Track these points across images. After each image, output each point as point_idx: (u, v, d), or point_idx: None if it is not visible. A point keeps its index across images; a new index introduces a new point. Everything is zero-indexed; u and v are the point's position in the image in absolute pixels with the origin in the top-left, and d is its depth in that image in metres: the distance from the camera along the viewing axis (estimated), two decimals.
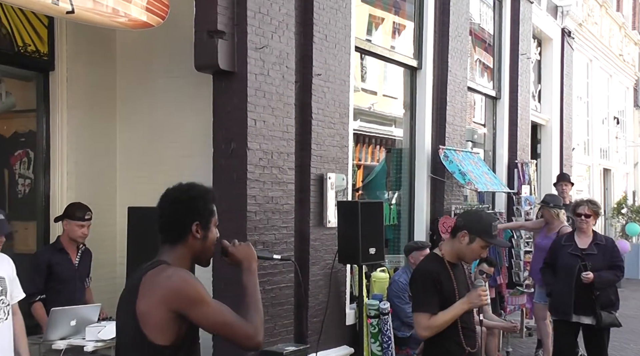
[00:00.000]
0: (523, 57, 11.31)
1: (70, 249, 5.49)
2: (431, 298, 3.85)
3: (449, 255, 3.99)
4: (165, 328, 2.60)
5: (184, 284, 2.62)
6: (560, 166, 13.20)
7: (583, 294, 6.28)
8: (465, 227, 3.94)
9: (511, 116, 11.10)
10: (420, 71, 8.65)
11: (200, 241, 2.78)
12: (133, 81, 6.51)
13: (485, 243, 3.93)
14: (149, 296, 2.61)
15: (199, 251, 2.80)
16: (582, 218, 6.50)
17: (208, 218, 2.81)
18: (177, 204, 2.81)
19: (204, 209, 2.80)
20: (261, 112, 5.79)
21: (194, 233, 2.76)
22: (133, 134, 6.53)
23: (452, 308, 3.85)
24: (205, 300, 2.64)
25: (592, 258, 6.34)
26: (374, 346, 6.87)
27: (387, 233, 8.21)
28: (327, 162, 6.60)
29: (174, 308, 2.59)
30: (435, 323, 3.82)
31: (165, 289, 2.61)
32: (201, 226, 2.78)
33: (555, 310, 6.56)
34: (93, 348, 4.77)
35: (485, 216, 4.34)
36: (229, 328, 2.65)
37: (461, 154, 8.88)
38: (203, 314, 2.62)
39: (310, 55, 6.43)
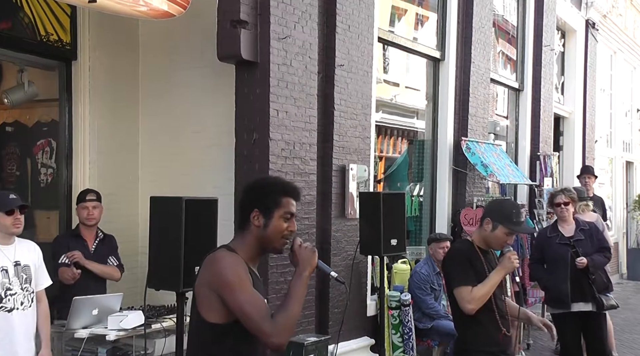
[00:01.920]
0: (546, 48, 11.14)
1: (88, 236, 5.46)
2: (467, 271, 3.92)
3: (478, 241, 4.07)
4: (213, 307, 2.69)
5: (224, 268, 2.68)
6: (582, 159, 13.03)
7: (579, 282, 6.24)
8: (488, 215, 4.05)
9: (534, 108, 10.95)
10: (443, 62, 8.54)
11: (261, 229, 2.79)
12: (155, 71, 6.46)
13: (508, 229, 3.98)
14: (200, 276, 2.76)
15: (262, 239, 2.81)
16: (562, 207, 6.50)
17: (271, 207, 2.80)
18: (244, 192, 2.92)
19: (265, 198, 2.82)
20: (283, 102, 5.73)
21: (252, 220, 2.80)
22: (155, 124, 6.48)
23: (488, 279, 3.92)
24: (239, 287, 2.65)
25: (581, 243, 6.34)
26: (394, 338, 6.81)
27: (409, 224, 8.13)
28: (349, 153, 6.53)
29: (214, 289, 2.68)
30: (478, 294, 3.86)
31: (209, 272, 2.72)
32: (261, 214, 2.79)
33: (553, 302, 6.47)
34: (115, 337, 4.73)
35: (508, 203, 4.42)
36: (249, 321, 2.66)
37: (483, 146, 8.76)
38: (233, 300, 2.65)
39: (332, 46, 6.35)
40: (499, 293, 4.04)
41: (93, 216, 5.43)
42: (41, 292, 4.41)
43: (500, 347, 3.99)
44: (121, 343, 4.86)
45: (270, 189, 2.86)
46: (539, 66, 10.97)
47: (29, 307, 4.22)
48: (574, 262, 6.24)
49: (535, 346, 8.90)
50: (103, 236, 5.58)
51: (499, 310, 3.99)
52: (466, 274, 3.91)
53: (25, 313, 4.20)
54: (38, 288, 4.36)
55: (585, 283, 6.24)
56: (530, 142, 10.89)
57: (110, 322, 4.82)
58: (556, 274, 6.36)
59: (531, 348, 8.71)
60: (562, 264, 6.31)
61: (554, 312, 6.51)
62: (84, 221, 5.44)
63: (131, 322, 4.75)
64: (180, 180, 6.08)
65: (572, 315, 6.34)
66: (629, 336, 9.45)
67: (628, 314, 10.80)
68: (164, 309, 5.23)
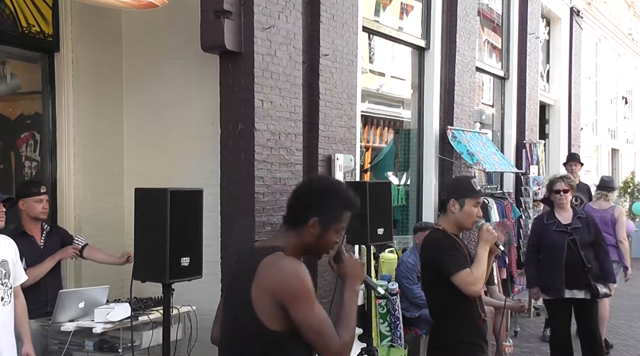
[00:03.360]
0: (531, 36, 11.17)
1: (34, 231, 5.22)
2: (457, 256, 3.90)
3: (449, 228, 4.04)
4: (276, 315, 2.62)
5: (294, 279, 2.61)
6: (568, 146, 13.10)
7: (574, 269, 6.27)
8: (450, 196, 4.02)
9: (519, 96, 10.99)
10: (428, 51, 8.55)
11: (315, 237, 2.76)
12: (139, 63, 6.42)
13: (474, 200, 3.98)
14: (262, 282, 2.63)
15: (312, 246, 2.78)
16: (562, 194, 6.51)
17: (331, 220, 2.76)
18: (310, 193, 2.81)
19: (330, 210, 2.76)
20: (268, 93, 5.71)
21: (309, 227, 2.74)
22: (140, 116, 6.44)
23: (477, 257, 3.91)
24: (310, 300, 2.61)
25: (578, 231, 6.36)
26: (382, 327, 6.83)
27: (396, 213, 8.15)
28: (335, 143, 6.53)
29: (279, 299, 2.60)
30: (478, 274, 3.85)
31: (275, 280, 2.62)
32: (320, 224, 2.74)
33: (547, 289, 6.50)
34: (102, 329, 4.71)
35: (462, 178, 4.50)
36: (320, 337, 2.62)
37: (469, 134, 8.79)
38: (301, 313, 2.60)
39: (317, 36, 6.33)
40: None
41: (46, 209, 5.23)
42: (18, 288, 4.34)
43: (479, 335, 3.98)
44: (108, 336, 4.84)
45: (337, 202, 2.78)
46: (524, 54, 11.00)
47: (8, 303, 4.17)
48: (569, 249, 6.26)
49: (523, 333, 8.95)
50: (49, 229, 5.35)
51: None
52: (458, 259, 3.88)
53: (5, 309, 4.16)
54: (15, 284, 4.31)
55: (581, 270, 6.26)
56: (516, 130, 10.93)
57: (96, 315, 4.79)
58: (551, 261, 6.39)
59: (519, 336, 8.76)
60: (557, 251, 6.34)
61: (547, 298, 6.56)
62: (37, 216, 5.17)
63: (118, 314, 4.74)
64: (166, 171, 6.05)
65: (564, 301, 6.39)
66: (615, 322, 9.54)
67: (615, 301, 10.89)
68: (151, 301, 5.22)
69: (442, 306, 4.00)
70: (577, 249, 6.27)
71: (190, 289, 4.73)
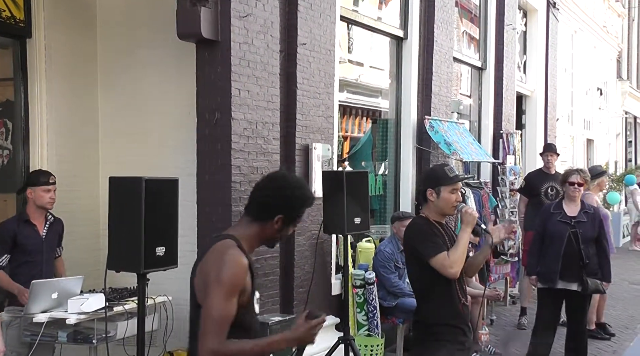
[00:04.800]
0: (508, 28, 11.18)
1: (38, 220, 5.22)
2: (436, 241, 3.98)
3: (432, 216, 4.13)
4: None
5: (225, 267, 2.71)
6: (544, 137, 13.16)
7: (570, 261, 6.30)
8: (427, 186, 4.12)
9: (497, 87, 11.00)
10: (406, 41, 8.51)
11: (276, 231, 2.94)
12: (115, 50, 6.32)
13: (449, 187, 4.05)
14: (203, 266, 2.79)
15: (269, 237, 2.97)
16: (575, 187, 6.52)
17: (294, 219, 2.99)
18: (277, 192, 2.94)
19: (295, 210, 2.96)
20: (245, 81, 5.65)
21: (274, 223, 2.92)
22: (115, 104, 6.35)
23: (457, 240, 4.00)
24: (225, 291, 2.68)
25: (582, 225, 6.40)
26: (359, 316, 6.82)
27: (373, 203, 8.13)
28: (313, 132, 6.48)
29: (206, 281, 2.72)
30: (455, 257, 3.92)
31: (210, 263, 2.76)
32: (283, 221, 2.93)
33: (544, 278, 6.54)
34: (75, 320, 4.64)
35: (436, 167, 4.52)
36: (205, 323, 2.67)
37: (447, 124, 8.78)
38: (210, 297, 2.69)
39: (294, 25, 6.27)
40: None
41: (53, 199, 5.21)
42: None
43: (460, 318, 4.04)
44: (82, 327, 4.77)
45: (302, 201, 2.98)
46: (502, 45, 11.00)
47: None
48: (569, 241, 6.30)
49: (499, 321, 9.01)
50: (53, 219, 5.34)
51: (458, 280, 4.04)
52: (436, 243, 3.96)
53: None
54: None
55: (577, 263, 6.29)
56: (493, 120, 10.94)
57: (70, 306, 4.72)
58: (550, 250, 6.44)
59: (494, 324, 8.80)
60: (557, 241, 6.37)
61: (541, 286, 6.61)
62: (44, 205, 5.18)
63: (92, 305, 4.67)
64: (142, 160, 5.97)
65: (556, 291, 6.44)
66: None
67: None
68: (126, 291, 5.16)
69: (423, 289, 4.10)
70: (578, 242, 6.31)
71: (166, 279, 4.68)
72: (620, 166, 21.73)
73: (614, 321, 9.05)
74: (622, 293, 11.15)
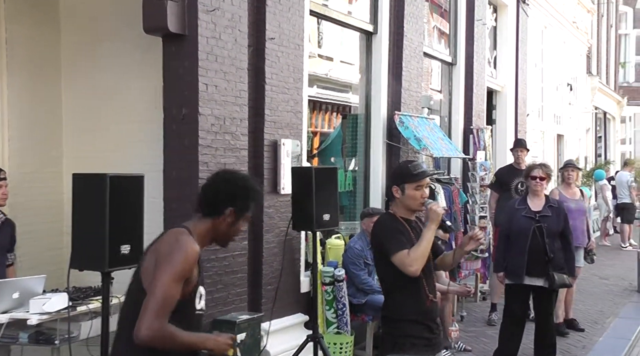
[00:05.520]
0: (479, 23, 11.25)
1: None
2: (399, 238, 3.97)
3: (399, 212, 4.13)
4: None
5: (177, 248, 2.78)
6: (515, 132, 13.28)
7: (536, 257, 6.39)
8: (392, 183, 4.14)
9: (467, 82, 11.07)
10: (376, 35, 8.52)
11: (227, 226, 3.00)
12: (79, 44, 6.26)
13: (414, 184, 4.04)
14: (155, 246, 2.85)
15: (222, 234, 3.03)
16: (537, 181, 6.64)
17: (244, 212, 3.03)
18: (224, 185, 3.02)
19: (243, 202, 3.02)
20: (213, 76, 5.62)
21: (225, 217, 2.98)
22: (79, 99, 6.29)
23: (421, 237, 3.97)
24: (173, 270, 2.73)
25: (547, 219, 6.49)
26: (328, 314, 6.83)
27: (343, 199, 8.15)
28: (281, 128, 6.48)
29: (157, 259, 2.78)
30: (416, 255, 3.89)
31: (163, 243, 2.84)
32: (235, 214, 2.99)
33: (510, 274, 6.62)
34: (37, 321, 4.57)
35: (402, 164, 4.51)
36: (148, 302, 2.70)
37: (417, 120, 8.82)
38: (157, 273, 2.72)
39: (263, 19, 6.25)
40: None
41: (5, 195, 5.09)
42: None
43: (426, 315, 4.04)
44: (44, 328, 4.70)
45: (252, 193, 3.05)
46: (472, 40, 11.08)
47: None
48: (534, 236, 6.39)
49: (469, 317, 9.08)
50: (4, 219, 5.20)
51: (425, 276, 4.03)
52: (398, 240, 3.96)
53: None
54: None
55: (542, 258, 6.38)
56: (463, 116, 11.01)
57: (32, 306, 4.65)
58: (515, 246, 6.51)
59: (465, 320, 8.88)
60: (522, 236, 6.46)
61: (508, 282, 6.68)
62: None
63: (55, 305, 4.61)
64: (107, 157, 5.93)
65: (523, 287, 6.52)
66: None
67: None
68: (90, 290, 5.09)
69: (389, 285, 4.11)
70: (543, 237, 6.39)
71: None
72: (590, 161, 22.02)
73: (583, 316, 9.17)
74: (591, 288, 11.33)
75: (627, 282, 11.91)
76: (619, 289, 11.48)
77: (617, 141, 26.79)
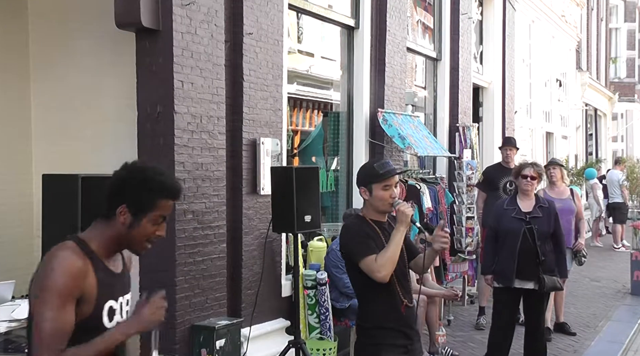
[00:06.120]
0: (464, 17, 11.34)
1: None
2: (366, 242, 3.94)
3: (369, 215, 4.09)
4: None
5: (48, 270, 2.49)
6: (502, 130, 13.37)
7: (526, 259, 6.40)
8: (359, 184, 4.11)
9: (452, 78, 11.15)
10: (358, 30, 8.58)
11: (126, 227, 2.63)
12: (48, 41, 6.25)
13: (380, 184, 3.99)
14: (35, 275, 2.54)
15: (124, 237, 2.66)
16: (528, 180, 6.62)
17: (143, 207, 2.63)
18: (119, 179, 2.69)
19: (140, 197, 2.63)
20: (189, 73, 5.65)
21: (119, 216, 2.62)
22: (49, 98, 6.29)
23: (390, 240, 3.91)
24: (50, 296, 2.45)
25: (537, 221, 6.48)
26: (311, 318, 6.86)
27: (325, 200, 8.19)
28: (260, 126, 6.51)
29: (36, 290, 2.49)
30: (383, 260, 3.85)
31: (40, 270, 2.53)
32: (130, 212, 2.62)
33: (500, 277, 6.62)
34: (6, 328, 4.57)
35: (367, 164, 4.41)
36: (35, 337, 2.47)
37: (401, 117, 8.88)
38: (36, 305, 2.47)
39: (240, 13, 6.28)
40: (400, 261, 4.00)
41: None
42: None
43: (401, 321, 4.01)
44: (13, 336, 4.71)
45: (149, 186, 2.64)
46: (457, 35, 11.15)
47: None
48: (524, 238, 6.38)
49: (457, 322, 9.14)
50: None
51: (399, 280, 4.01)
52: (366, 245, 3.92)
53: None
54: None
55: (533, 261, 6.38)
56: (449, 113, 11.09)
57: (0, 313, 4.65)
58: (505, 249, 6.50)
59: (452, 324, 8.94)
60: (512, 238, 6.44)
61: (497, 285, 6.68)
62: None
63: (24, 312, 4.57)
64: (79, 157, 5.94)
65: (513, 290, 6.52)
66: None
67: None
68: None
69: (361, 292, 4.10)
70: (534, 239, 6.39)
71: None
72: (580, 159, 22.21)
73: (574, 320, 9.26)
74: (583, 291, 11.43)
75: (620, 284, 12.02)
76: (612, 291, 11.58)
77: (608, 139, 26.99)
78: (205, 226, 5.79)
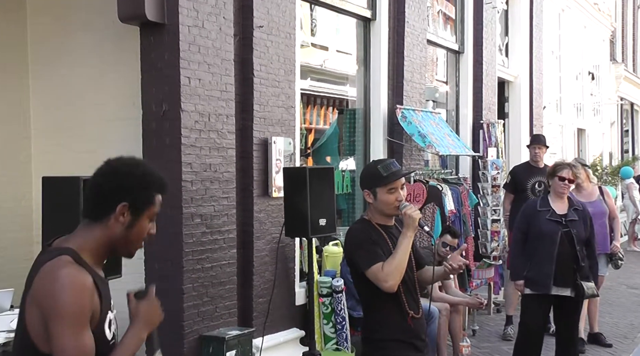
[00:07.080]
0: (488, 6, 11.33)
1: None
2: (372, 249, 3.92)
3: (375, 219, 4.07)
4: (45, 334, 2.43)
5: (62, 292, 2.41)
6: (530, 127, 13.33)
7: (563, 264, 6.34)
8: (362, 187, 4.11)
9: (476, 72, 11.13)
10: (375, 22, 8.60)
11: (123, 227, 2.59)
12: (47, 33, 6.32)
13: (384, 187, 3.97)
14: (34, 293, 2.47)
15: (120, 239, 2.61)
16: (565, 183, 6.53)
17: (142, 204, 2.61)
18: (109, 176, 2.61)
19: (139, 192, 2.60)
20: (196, 69, 5.70)
21: (118, 215, 2.57)
22: (49, 97, 6.36)
23: (397, 247, 3.90)
24: (68, 321, 2.40)
25: (574, 224, 6.42)
26: (326, 328, 6.89)
27: (340, 202, 8.22)
28: (272, 124, 6.55)
29: (44, 313, 2.43)
30: (390, 268, 3.83)
31: (43, 290, 2.44)
32: (129, 210, 2.58)
33: (534, 283, 6.53)
34: (5, 339, 4.60)
35: (371, 165, 4.42)
36: None
37: (421, 114, 8.89)
38: (54, 334, 2.40)
39: (250, 5, 6.33)
40: (408, 268, 3.97)
41: None
42: None
43: (408, 333, 3.99)
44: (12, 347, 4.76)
45: (148, 181, 2.63)
46: (481, 25, 11.14)
47: None
48: (562, 241, 6.30)
49: (482, 332, 9.12)
50: None
51: (406, 289, 3.99)
52: (372, 253, 3.90)
53: None
54: None
55: (570, 267, 6.32)
56: (472, 109, 11.08)
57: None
58: (542, 253, 6.42)
59: (477, 335, 8.92)
60: (548, 242, 6.36)
61: (531, 292, 6.58)
62: None
63: None
64: (81, 158, 5.98)
65: (545, 298, 6.47)
66: None
67: None
68: None
69: (367, 301, 4.10)
70: (572, 243, 6.33)
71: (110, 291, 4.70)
72: (615, 157, 22.09)
73: (610, 330, 9.21)
74: (619, 299, 11.36)
75: None
76: None
77: None
78: (214, 230, 5.84)
